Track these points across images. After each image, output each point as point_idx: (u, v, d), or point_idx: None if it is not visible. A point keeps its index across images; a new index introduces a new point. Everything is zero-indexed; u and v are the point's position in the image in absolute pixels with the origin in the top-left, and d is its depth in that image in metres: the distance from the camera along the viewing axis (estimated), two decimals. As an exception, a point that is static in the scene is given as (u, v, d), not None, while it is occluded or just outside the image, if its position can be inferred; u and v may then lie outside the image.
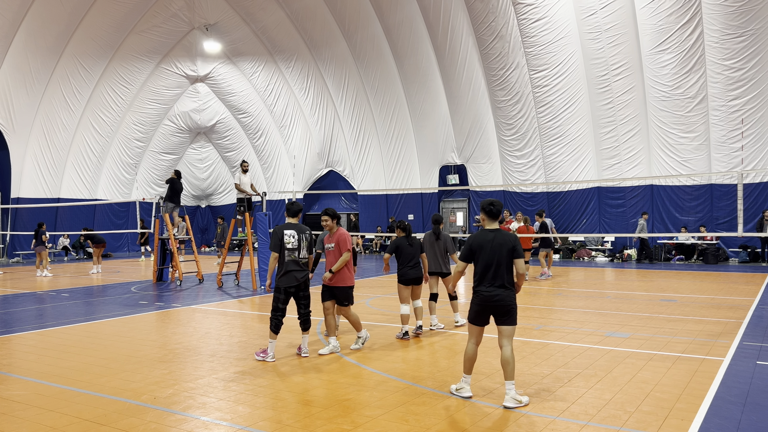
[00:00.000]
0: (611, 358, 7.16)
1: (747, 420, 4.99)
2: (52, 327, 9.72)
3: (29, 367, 7.10)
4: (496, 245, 5.58)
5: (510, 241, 5.62)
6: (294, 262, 7.30)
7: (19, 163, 26.04)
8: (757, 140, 19.97)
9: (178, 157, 32.45)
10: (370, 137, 28.85)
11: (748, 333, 8.54)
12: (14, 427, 5.04)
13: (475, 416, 5.16)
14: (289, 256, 7.29)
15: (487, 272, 5.57)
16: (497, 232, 5.68)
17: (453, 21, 24.04)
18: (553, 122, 23.29)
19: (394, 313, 10.71)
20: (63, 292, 14.42)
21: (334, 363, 7.07)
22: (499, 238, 5.62)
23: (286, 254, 7.26)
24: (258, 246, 14.92)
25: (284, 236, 7.27)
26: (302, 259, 7.37)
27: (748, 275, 16.28)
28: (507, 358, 5.45)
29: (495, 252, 5.57)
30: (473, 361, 5.68)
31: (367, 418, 5.15)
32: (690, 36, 19.94)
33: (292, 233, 7.34)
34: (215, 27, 28.85)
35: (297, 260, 7.31)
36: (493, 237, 5.64)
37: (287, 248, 7.26)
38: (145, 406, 5.53)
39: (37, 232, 19.28)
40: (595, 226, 23.04)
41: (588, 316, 10.20)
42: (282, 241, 7.24)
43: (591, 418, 5.06)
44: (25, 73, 25.00)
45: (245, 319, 10.30)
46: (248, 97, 31.25)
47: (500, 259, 5.55)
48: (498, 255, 5.56)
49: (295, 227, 7.42)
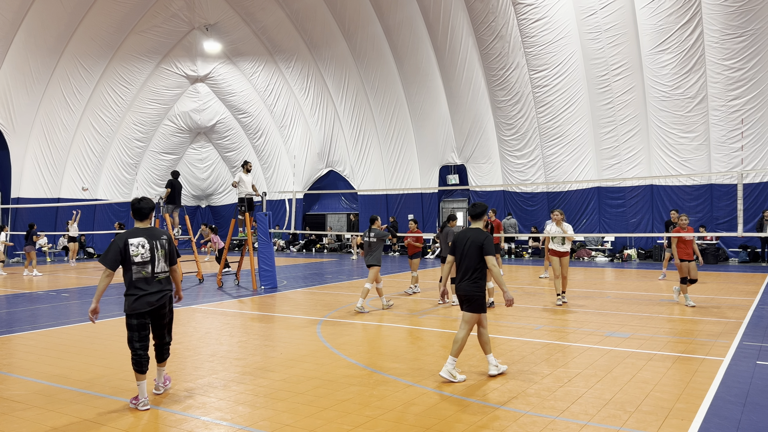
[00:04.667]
0: (611, 358, 7.16)
1: (747, 420, 4.99)
2: (52, 327, 9.72)
3: (29, 367, 7.09)
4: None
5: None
6: (145, 280, 5.57)
7: (19, 163, 26.04)
8: (757, 140, 19.98)
9: (178, 157, 32.45)
10: (370, 137, 28.85)
11: (748, 333, 8.54)
12: (14, 427, 5.04)
13: (474, 416, 5.16)
14: (138, 272, 5.54)
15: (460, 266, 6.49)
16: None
17: (453, 21, 24.04)
18: (553, 122, 23.30)
19: (393, 313, 10.73)
20: (63, 292, 14.42)
21: (334, 363, 7.07)
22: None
23: (134, 270, 5.52)
24: (258, 246, 14.93)
25: (129, 247, 5.52)
26: (159, 274, 5.66)
27: (748, 275, 16.28)
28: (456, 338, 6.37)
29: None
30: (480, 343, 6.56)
31: (367, 418, 5.15)
32: (690, 36, 19.94)
33: (140, 242, 5.58)
34: (215, 27, 28.87)
35: (150, 277, 5.60)
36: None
37: (135, 262, 5.52)
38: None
39: (29, 233, 19.38)
40: (595, 226, 23.05)
41: (588, 316, 10.20)
42: (124, 254, 5.50)
43: (591, 418, 5.06)
44: (25, 73, 25.00)
45: (245, 319, 10.31)
46: (248, 97, 31.27)
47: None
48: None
49: (146, 233, 5.68)
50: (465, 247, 6.37)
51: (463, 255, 6.39)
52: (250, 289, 14.62)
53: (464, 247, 6.38)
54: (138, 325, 5.55)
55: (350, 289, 14.33)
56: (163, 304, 5.69)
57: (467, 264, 6.33)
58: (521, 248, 25.23)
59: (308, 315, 10.60)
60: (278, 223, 30.14)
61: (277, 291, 14.25)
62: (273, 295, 13.48)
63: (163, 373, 5.95)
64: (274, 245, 17.80)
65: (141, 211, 5.73)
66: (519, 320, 9.67)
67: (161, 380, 5.92)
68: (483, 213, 6.54)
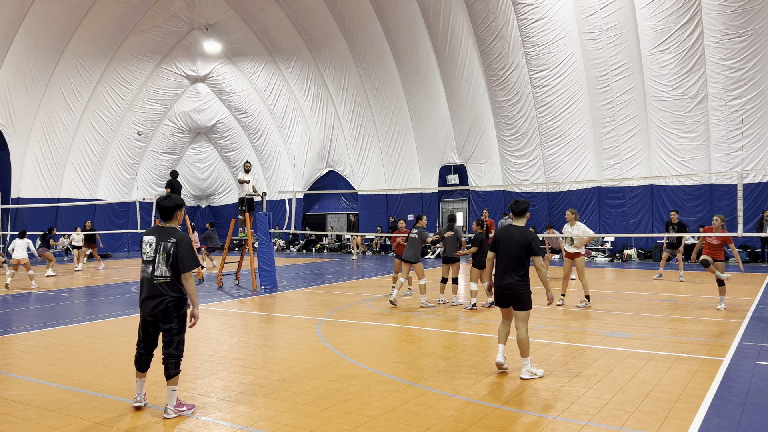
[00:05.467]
0: (611, 358, 7.16)
1: (747, 420, 4.99)
2: (53, 327, 9.71)
3: (29, 367, 7.09)
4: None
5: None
6: (146, 281, 5.32)
7: (19, 163, 26.04)
8: (757, 140, 19.98)
9: (178, 157, 32.45)
10: (370, 137, 28.85)
11: (748, 333, 8.54)
12: (14, 427, 5.04)
13: (475, 416, 5.16)
14: (143, 271, 5.36)
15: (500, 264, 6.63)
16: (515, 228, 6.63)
17: (453, 21, 24.04)
18: (553, 122, 23.30)
19: (393, 313, 10.73)
20: (63, 292, 14.42)
21: (334, 363, 7.07)
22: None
23: (141, 269, 5.39)
24: (258, 246, 14.93)
25: (142, 244, 5.42)
26: (158, 277, 5.26)
27: (748, 275, 16.28)
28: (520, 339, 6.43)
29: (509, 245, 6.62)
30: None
31: (367, 418, 5.15)
32: (690, 36, 19.94)
33: (149, 240, 5.37)
34: (215, 27, 28.86)
35: (149, 279, 5.29)
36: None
37: (143, 260, 5.38)
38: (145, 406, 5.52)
39: (46, 236, 19.27)
40: (595, 226, 23.04)
41: (588, 316, 10.20)
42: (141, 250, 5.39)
43: (591, 418, 5.06)
44: (25, 73, 25.00)
45: (245, 319, 10.31)
46: (248, 97, 31.27)
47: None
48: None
49: (158, 232, 5.40)
50: (510, 245, 6.46)
51: (507, 253, 6.48)
52: (250, 289, 14.62)
53: (509, 245, 6.46)
54: (141, 325, 5.42)
55: (350, 290, 14.34)
56: (162, 312, 5.23)
57: (511, 262, 6.46)
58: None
59: (308, 315, 10.60)
60: (278, 223, 30.14)
61: (277, 291, 14.25)
62: (273, 295, 13.48)
63: (174, 395, 5.25)
64: (274, 245, 17.79)
65: (160, 208, 5.45)
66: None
67: (171, 402, 5.25)
68: (526, 210, 6.68)
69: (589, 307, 11.02)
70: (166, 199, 5.47)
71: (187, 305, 5.41)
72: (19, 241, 15.56)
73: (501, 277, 6.53)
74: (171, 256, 5.26)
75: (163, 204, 5.44)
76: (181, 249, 5.28)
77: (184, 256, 5.27)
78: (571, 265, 11.30)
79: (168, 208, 5.43)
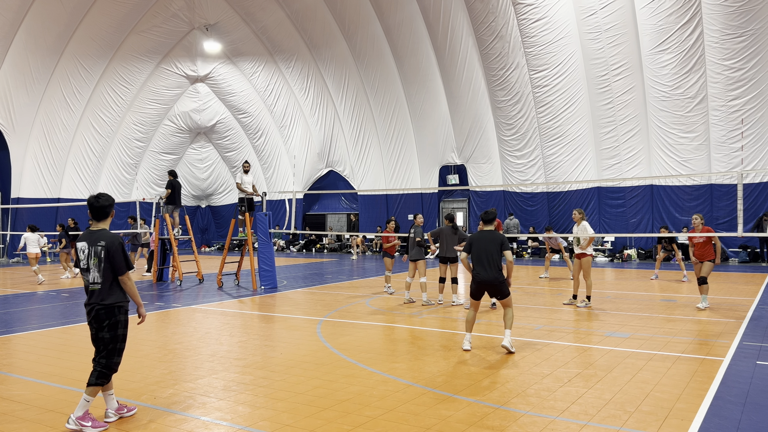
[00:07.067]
0: (611, 358, 7.16)
1: (747, 420, 4.99)
2: (53, 327, 9.71)
3: (29, 367, 7.09)
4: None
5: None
6: (85, 288, 5.12)
7: (19, 163, 26.04)
8: (757, 140, 19.98)
9: (178, 157, 32.45)
10: (370, 137, 28.85)
11: (748, 333, 8.54)
12: (14, 427, 5.04)
13: (474, 416, 5.16)
14: (83, 276, 5.15)
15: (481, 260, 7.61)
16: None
17: (453, 21, 24.04)
18: (553, 122, 23.30)
19: (393, 313, 10.73)
20: (63, 292, 14.42)
21: (334, 363, 7.07)
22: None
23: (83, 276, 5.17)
24: (258, 246, 14.94)
25: (77, 250, 5.15)
26: (93, 285, 5.04)
27: (748, 275, 16.28)
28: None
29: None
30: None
31: (367, 418, 5.15)
32: (690, 36, 19.95)
33: (82, 247, 5.09)
34: (215, 27, 28.86)
35: (87, 286, 5.10)
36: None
37: (80, 268, 5.15)
38: (145, 406, 5.52)
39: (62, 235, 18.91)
40: (595, 226, 23.03)
41: (588, 316, 10.21)
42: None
43: (591, 418, 5.06)
44: (25, 73, 25.00)
45: (245, 319, 10.31)
46: (248, 97, 31.27)
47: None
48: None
49: (88, 236, 5.09)
50: (486, 245, 7.55)
51: (485, 252, 7.52)
52: (250, 289, 14.62)
53: (486, 246, 7.55)
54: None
55: (350, 290, 14.34)
56: (94, 319, 5.03)
57: (489, 259, 7.49)
58: (521, 248, 25.22)
59: (308, 315, 10.60)
60: (278, 223, 30.14)
61: (277, 291, 14.25)
62: (273, 295, 13.48)
63: (85, 405, 4.92)
64: (274, 245, 17.79)
65: (92, 208, 5.08)
66: (519, 320, 9.66)
67: (77, 413, 4.90)
68: (495, 218, 7.89)
69: (589, 307, 11.03)
70: (98, 199, 5.10)
71: (122, 312, 5.14)
72: (31, 236, 15.45)
73: (480, 274, 7.53)
74: (102, 261, 4.99)
75: (94, 203, 5.08)
76: (113, 251, 5.02)
77: (117, 259, 5.02)
78: (580, 266, 11.26)
79: (100, 207, 5.09)
